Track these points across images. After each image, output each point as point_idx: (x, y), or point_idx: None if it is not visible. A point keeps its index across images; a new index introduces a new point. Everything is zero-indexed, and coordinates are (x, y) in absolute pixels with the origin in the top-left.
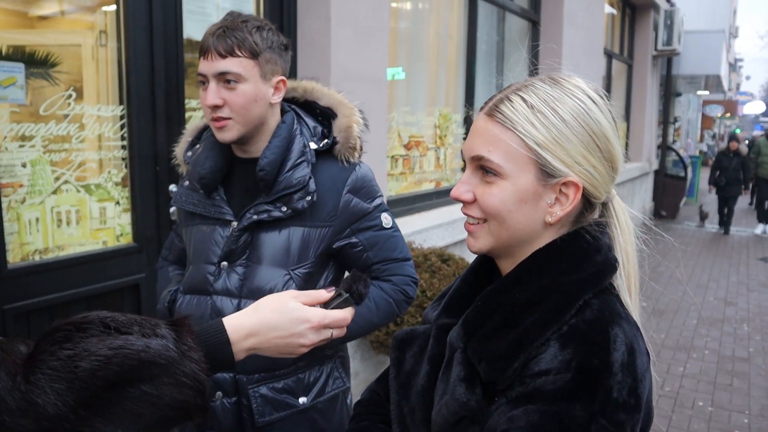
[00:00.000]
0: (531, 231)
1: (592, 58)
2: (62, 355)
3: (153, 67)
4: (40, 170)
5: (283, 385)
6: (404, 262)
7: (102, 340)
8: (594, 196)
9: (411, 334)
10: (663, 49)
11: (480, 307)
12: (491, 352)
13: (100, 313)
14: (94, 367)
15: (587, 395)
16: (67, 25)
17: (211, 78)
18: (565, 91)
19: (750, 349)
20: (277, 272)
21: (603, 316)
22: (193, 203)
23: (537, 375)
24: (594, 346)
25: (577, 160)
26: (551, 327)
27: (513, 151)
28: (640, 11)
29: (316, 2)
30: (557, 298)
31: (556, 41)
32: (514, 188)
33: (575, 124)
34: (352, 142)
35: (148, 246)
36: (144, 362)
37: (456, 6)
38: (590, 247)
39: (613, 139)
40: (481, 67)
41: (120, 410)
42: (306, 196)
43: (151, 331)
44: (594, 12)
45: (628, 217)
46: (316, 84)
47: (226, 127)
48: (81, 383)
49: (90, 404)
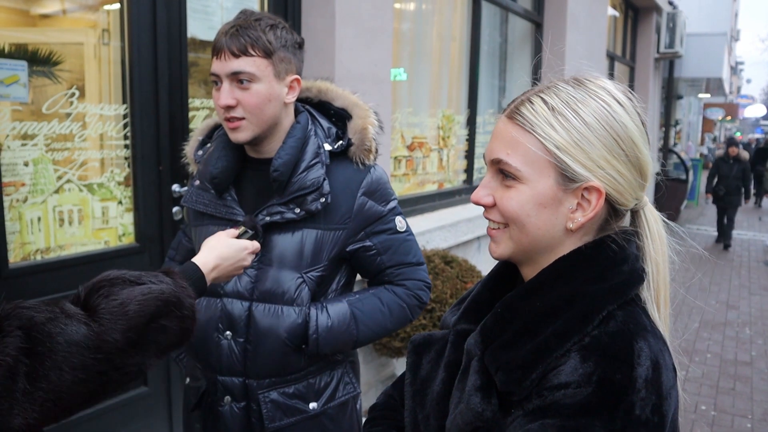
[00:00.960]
0: (552, 237)
1: (594, 60)
2: (114, 303)
3: (156, 66)
4: (43, 169)
5: (293, 390)
6: (418, 267)
7: (130, 288)
8: (619, 202)
9: (428, 339)
10: (665, 51)
11: (499, 314)
12: (508, 362)
13: (115, 271)
14: (138, 308)
15: (608, 411)
16: (69, 23)
17: (225, 78)
18: (589, 93)
19: (752, 352)
20: (290, 275)
21: (628, 328)
22: (203, 203)
23: (556, 388)
24: (617, 360)
25: (600, 164)
26: (572, 338)
27: (532, 155)
28: (643, 14)
29: (320, 1)
30: (579, 307)
31: (559, 43)
32: (533, 192)
33: (598, 126)
34: (368, 144)
35: (150, 246)
36: (163, 301)
37: (459, 7)
38: (616, 256)
39: (641, 143)
40: (484, 68)
41: (146, 341)
42: (320, 197)
43: (156, 279)
44: (597, 14)
45: (661, 227)
46: (330, 84)
47: (239, 128)
48: (132, 322)
49: (134, 339)
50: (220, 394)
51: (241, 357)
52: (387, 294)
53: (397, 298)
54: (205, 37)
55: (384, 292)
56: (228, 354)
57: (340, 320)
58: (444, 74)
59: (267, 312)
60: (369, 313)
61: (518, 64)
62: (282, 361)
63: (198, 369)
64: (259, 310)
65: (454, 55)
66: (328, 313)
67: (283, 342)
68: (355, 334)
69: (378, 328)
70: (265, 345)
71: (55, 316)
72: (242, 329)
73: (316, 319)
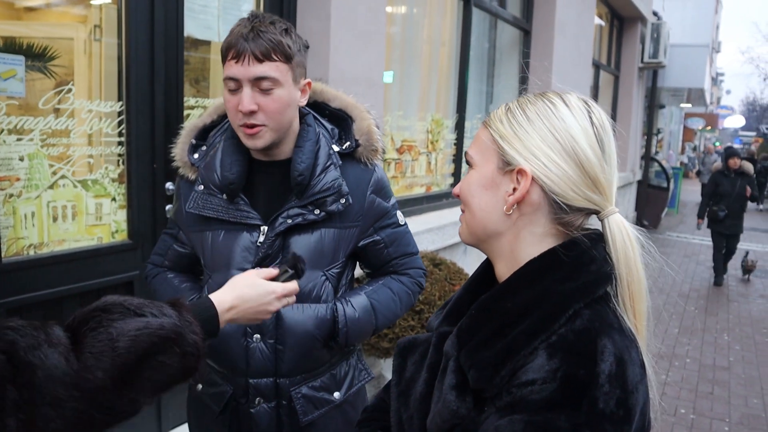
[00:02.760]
0: (495, 219)
1: (581, 68)
2: (102, 337)
3: (153, 63)
4: (38, 164)
5: (320, 383)
6: (416, 256)
7: (126, 321)
8: (557, 194)
9: (413, 341)
10: (649, 61)
11: (474, 315)
12: (480, 360)
13: (114, 297)
14: (128, 345)
15: (572, 406)
16: (66, 18)
17: (246, 83)
18: (544, 98)
19: (730, 358)
20: (314, 274)
21: (593, 326)
22: (212, 209)
23: (524, 384)
24: (580, 356)
25: (533, 151)
26: (539, 336)
27: (484, 145)
28: (628, 23)
29: (316, 3)
30: (547, 307)
31: (547, 50)
32: (478, 175)
33: (537, 120)
34: (375, 145)
35: (143, 243)
36: (161, 337)
37: (449, 12)
38: (584, 257)
39: (582, 140)
40: (473, 74)
41: (141, 379)
42: (340, 198)
43: (159, 312)
44: (584, 23)
45: (626, 236)
46: (324, 85)
47: (258, 135)
48: (120, 359)
49: (123, 377)
50: (252, 396)
51: (272, 358)
52: (395, 283)
53: (403, 287)
54: (200, 36)
55: (392, 281)
56: (259, 357)
57: (364, 312)
58: (433, 78)
59: (295, 311)
60: (384, 302)
61: (506, 71)
62: (311, 357)
63: (219, 374)
64: (288, 310)
65: (443, 60)
66: (353, 307)
67: (313, 338)
68: (375, 323)
69: (391, 315)
70: (295, 343)
71: (38, 343)
72: (271, 331)
73: (344, 313)
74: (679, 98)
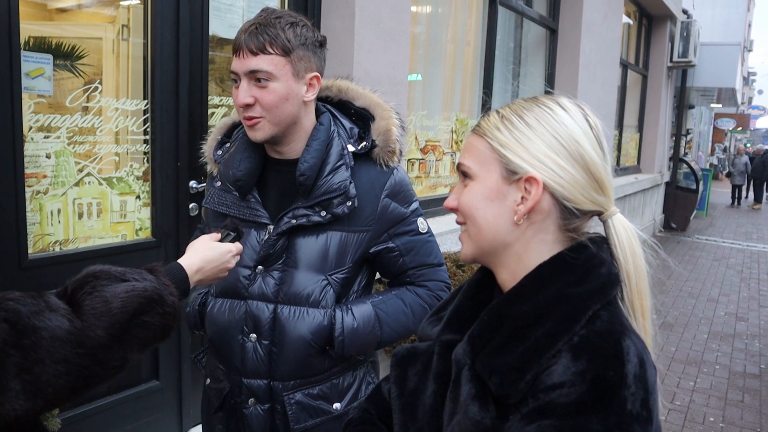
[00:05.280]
0: (504, 231)
1: (608, 67)
2: (98, 300)
3: (178, 62)
4: (64, 162)
5: (318, 392)
6: (438, 268)
7: (114, 285)
8: (567, 199)
9: (412, 351)
10: (678, 60)
11: (486, 321)
12: (501, 365)
13: (99, 266)
14: (121, 305)
15: (603, 408)
16: (95, 18)
17: (243, 76)
18: (537, 103)
19: (761, 365)
20: (315, 277)
21: (614, 327)
22: (226, 205)
23: (550, 388)
24: (608, 357)
25: (539, 158)
26: (562, 338)
27: (482, 154)
28: (657, 22)
29: (340, 2)
30: (567, 308)
31: (574, 50)
32: (481, 187)
33: (538, 126)
34: (392, 146)
35: (166, 241)
36: (146, 298)
37: (474, 11)
38: (594, 260)
39: (585, 144)
40: (498, 73)
41: (130, 337)
42: (346, 201)
43: (141, 277)
44: (612, 22)
45: (631, 236)
46: (350, 83)
47: (257, 126)
48: (115, 318)
49: (117, 334)
50: (245, 396)
51: (266, 359)
52: (409, 295)
53: (419, 299)
54: (225, 35)
55: (406, 293)
56: (253, 356)
57: (365, 321)
58: (458, 78)
59: (292, 314)
60: (392, 314)
61: (532, 70)
62: (307, 363)
63: (220, 371)
64: (285, 312)
65: (468, 59)
66: (353, 315)
67: (308, 344)
68: (379, 335)
69: (401, 329)
70: (290, 347)
71: (39, 309)
72: (267, 332)
73: (341, 321)
74: (709, 98)
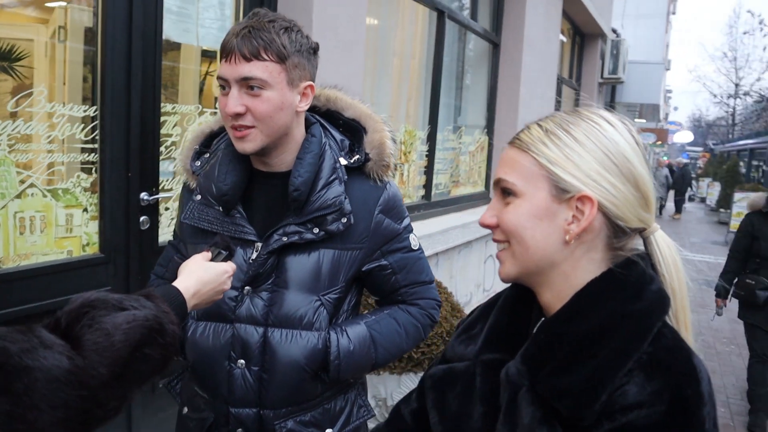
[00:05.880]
0: (553, 251)
1: (547, 82)
2: (100, 333)
3: (130, 67)
4: (4, 172)
5: (310, 418)
6: (429, 285)
7: (114, 315)
8: (618, 217)
9: (450, 372)
10: (609, 77)
11: (543, 340)
12: (570, 387)
13: (94, 293)
14: (124, 338)
15: (684, 428)
16: (34, 20)
17: (234, 83)
18: (581, 116)
19: None
20: (307, 298)
21: (681, 344)
22: (207, 221)
23: (627, 409)
24: (683, 375)
25: (591, 176)
26: (632, 355)
27: (527, 171)
28: (589, 40)
29: (298, 10)
30: (631, 325)
31: (516, 64)
32: (529, 205)
33: (588, 141)
34: (386, 160)
35: (116, 257)
36: (148, 328)
37: (421, 23)
38: (645, 276)
39: (634, 160)
40: (444, 84)
41: (131, 372)
42: (341, 217)
43: (139, 304)
44: (550, 38)
45: (674, 252)
46: (339, 93)
47: (248, 137)
48: (117, 354)
49: (119, 371)
50: (233, 427)
51: (256, 387)
52: (402, 314)
53: (411, 318)
54: (179, 39)
55: (399, 312)
56: (242, 384)
57: (361, 343)
58: (404, 89)
59: (284, 338)
60: (387, 334)
61: (474, 83)
62: (299, 389)
63: (201, 399)
64: (276, 335)
65: (413, 71)
66: (348, 337)
67: (301, 368)
68: (374, 357)
69: (395, 349)
70: (282, 373)
71: (32, 346)
72: (257, 357)
73: (337, 344)
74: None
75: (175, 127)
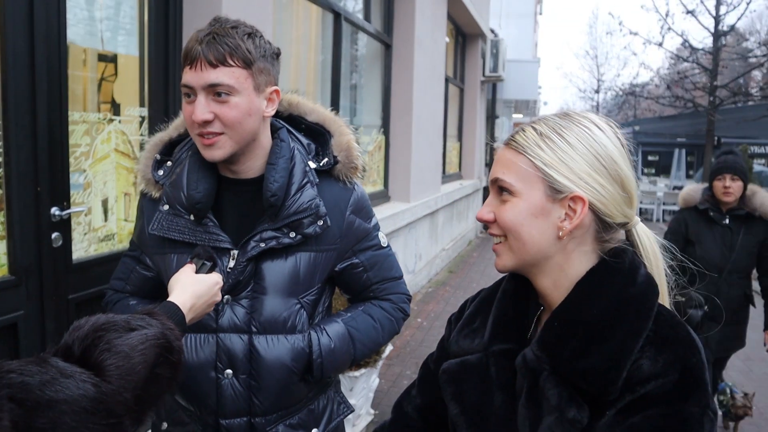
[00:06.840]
0: (547, 246)
1: (435, 81)
2: (120, 356)
3: (34, 73)
4: None
5: (297, 420)
6: (399, 281)
7: (126, 337)
8: (605, 214)
9: (463, 366)
10: (490, 75)
11: (556, 327)
12: (594, 367)
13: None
14: (142, 359)
15: (695, 390)
16: None
17: (200, 90)
18: (573, 121)
19: None
20: (287, 302)
21: (678, 320)
22: (178, 230)
23: (645, 380)
24: (688, 346)
25: (582, 177)
26: (642, 334)
27: (523, 172)
28: (471, 40)
29: (203, 11)
30: (638, 307)
31: (407, 64)
32: (525, 204)
33: (580, 145)
34: (355, 162)
35: (27, 278)
36: (160, 347)
37: (315, 25)
38: (634, 263)
39: (621, 162)
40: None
41: (147, 395)
42: (317, 220)
43: (145, 322)
44: (437, 38)
45: (654, 243)
46: (300, 98)
47: (216, 144)
48: (137, 376)
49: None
50: None
51: (246, 395)
52: (376, 310)
53: (385, 313)
54: (83, 44)
55: (373, 308)
56: (231, 394)
57: (341, 341)
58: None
59: (270, 343)
60: (364, 330)
61: (369, 83)
62: (289, 392)
63: (185, 412)
64: (262, 342)
65: (310, 73)
66: (328, 335)
67: (290, 371)
68: (353, 353)
69: (372, 344)
70: (271, 377)
71: (52, 377)
72: (245, 365)
73: (318, 343)
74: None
75: (83, 136)
